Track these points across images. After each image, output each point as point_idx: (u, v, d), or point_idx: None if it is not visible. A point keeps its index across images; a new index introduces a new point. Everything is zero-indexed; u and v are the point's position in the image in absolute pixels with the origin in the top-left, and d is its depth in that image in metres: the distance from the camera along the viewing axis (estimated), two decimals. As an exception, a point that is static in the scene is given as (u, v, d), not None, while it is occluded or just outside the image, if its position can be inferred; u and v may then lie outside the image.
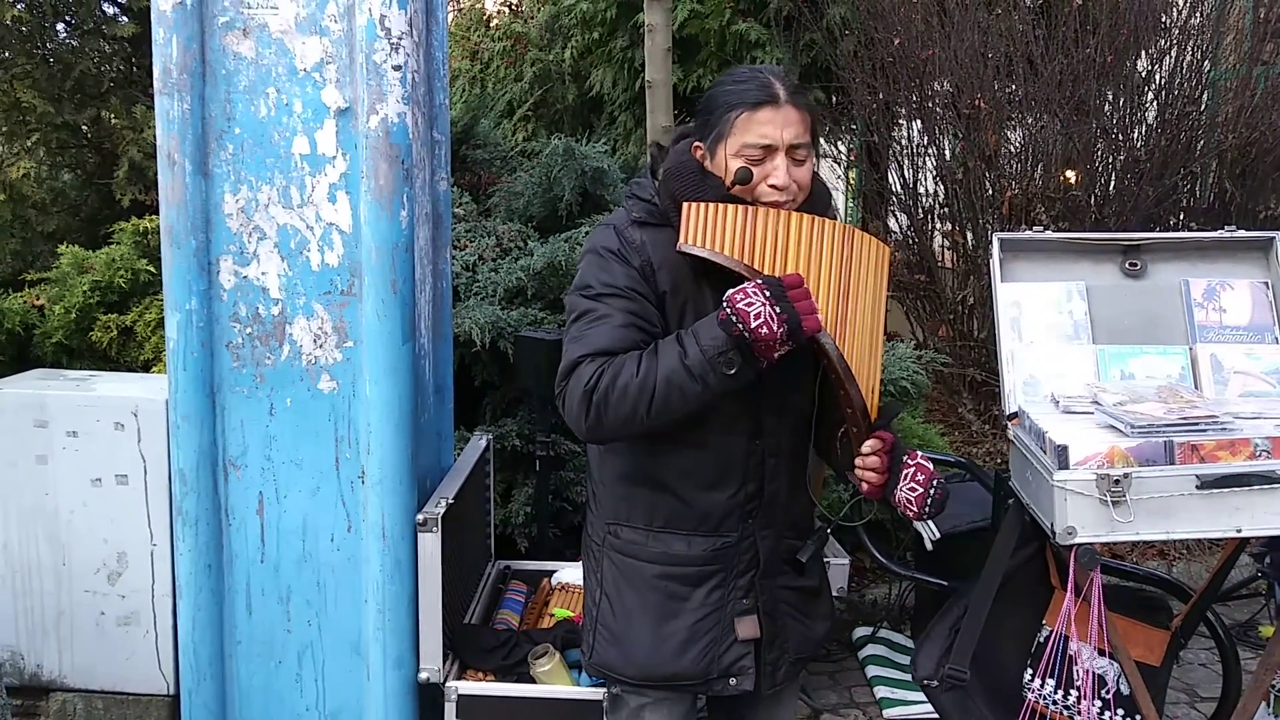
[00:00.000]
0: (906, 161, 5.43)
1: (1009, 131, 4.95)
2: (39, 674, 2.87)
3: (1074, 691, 2.22)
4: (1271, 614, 3.46)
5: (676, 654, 1.76)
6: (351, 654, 2.45)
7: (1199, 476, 1.93)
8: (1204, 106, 4.83)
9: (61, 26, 5.22)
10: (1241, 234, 2.44)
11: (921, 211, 5.44)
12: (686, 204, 1.65)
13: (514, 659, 2.51)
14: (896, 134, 5.54)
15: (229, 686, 2.48)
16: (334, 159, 2.31)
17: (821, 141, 5.88)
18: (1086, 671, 2.19)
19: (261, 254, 2.35)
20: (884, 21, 5.08)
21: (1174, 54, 4.68)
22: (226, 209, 2.33)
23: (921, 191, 5.42)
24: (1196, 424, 1.99)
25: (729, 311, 1.57)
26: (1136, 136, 4.71)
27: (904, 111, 5.38)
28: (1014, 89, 4.87)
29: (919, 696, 2.69)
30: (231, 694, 2.48)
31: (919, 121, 5.28)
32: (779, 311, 1.55)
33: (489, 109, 5.95)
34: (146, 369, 3.63)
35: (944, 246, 5.45)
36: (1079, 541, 1.96)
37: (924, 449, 3.49)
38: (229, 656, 2.47)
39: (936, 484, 1.67)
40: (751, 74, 1.71)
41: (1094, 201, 4.76)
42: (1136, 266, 2.44)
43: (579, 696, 2.39)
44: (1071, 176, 4.82)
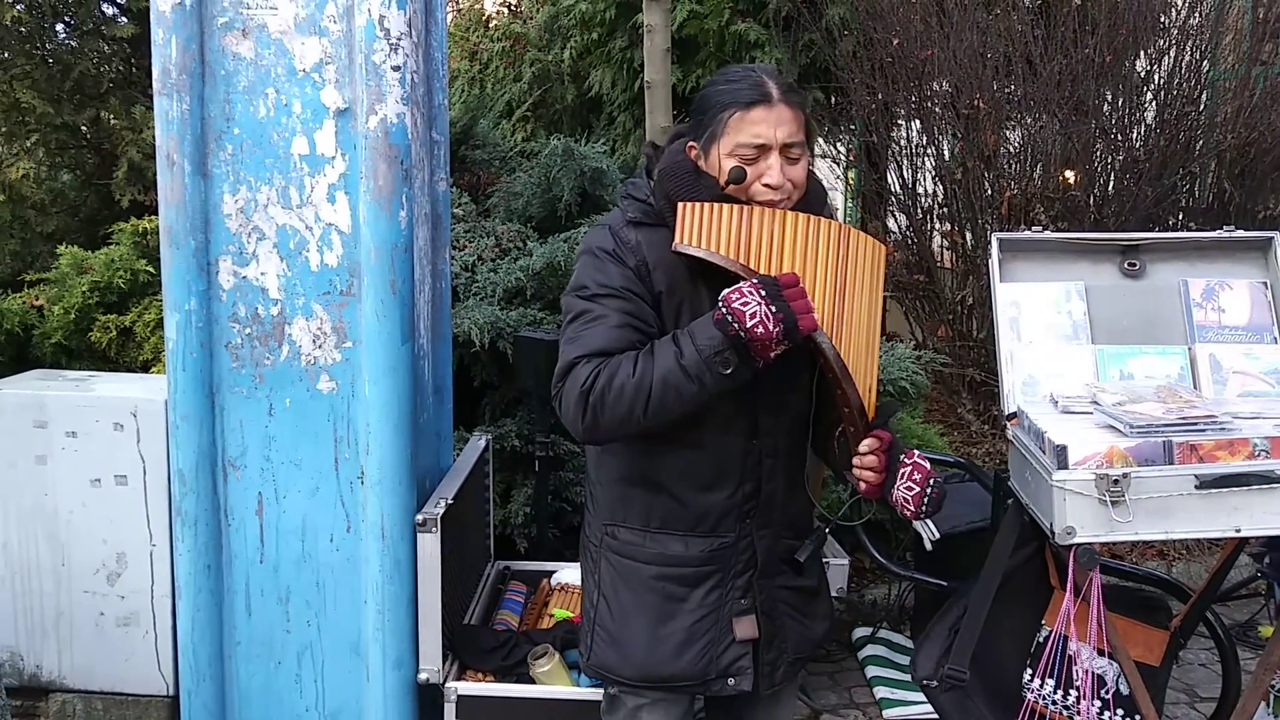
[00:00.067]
0: (905, 162, 5.43)
1: (1008, 132, 4.95)
2: (38, 675, 2.87)
3: (1073, 691, 2.22)
4: (1271, 614, 3.46)
5: (674, 655, 1.76)
6: (351, 654, 2.45)
7: (1198, 476, 1.93)
8: (1203, 106, 4.83)
9: (61, 27, 5.22)
10: (1240, 234, 2.44)
11: (920, 212, 5.45)
12: (682, 204, 1.65)
13: (513, 659, 2.51)
14: (895, 134, 5.54)
15: (228, 687, 2.48)
16: (333, 159, 2.32)
17: (821, 142, 5.89)
18: (1086, 671, 2.18)
19: (261, 254, 2.35)
20: (883, 22, 5.09)
21: (1173, 54, 4.68)
22: (226, 209, 2.33)
23: (920, 192, 5.42)
24: (1195, 424, 1.99)
25: (724, 311, 1.56)
26: (1135, 136, 4.71)
27: (903, 112, 5.38)
28: (1013, 89, 4.87)
29: (918, 697, 2.69)
30: (231, 695, 2.48)
31: (918, 122, 5.28)
32: (774, 311, 1.55)
33: (488, 109, 5.95)
34: (146, 369, 3.63)
35: (943, 247, 5.45)
36: (1078, 541, 1.96)
37: (923, 449, 3.49)
38: (228, 657, 2.47)
39: (934, 483, 1.67)
40: (744, 73, 1.71)
41: (1093, 201, 4.76)
42: (1135, 266, 2.44)
43: (578, 697, 2.39)
44: (1070, 176, 4.82)
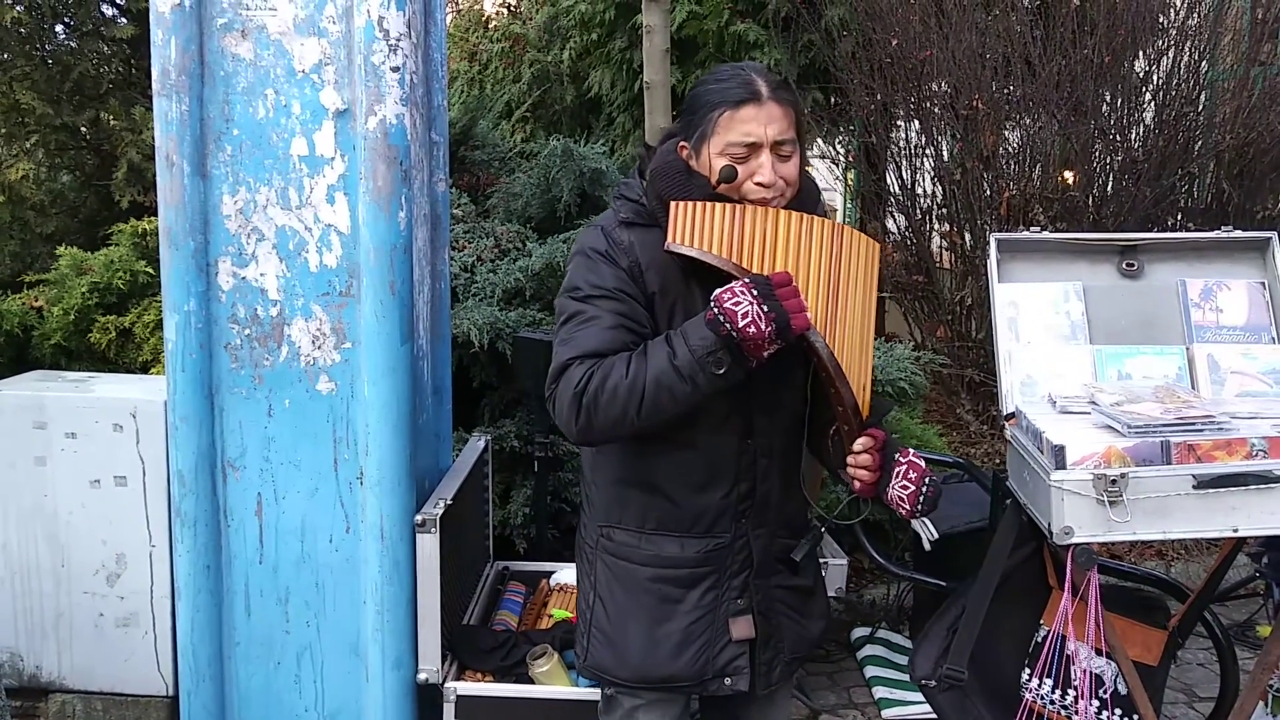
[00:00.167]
0: (904, 162, 5.43)
1: (1007, 132, 4.95)
2: (38, 675, 2.87)
3: (1071, 691, 2.22)
4: (1269, 613, 3.46)
5: (671, 656, 1.76)
6: (350, 655, 2.46)
7: (1195, 476, 1.93)
8: (1201, 107, 4.83)
9: (60, 28, 5.23)
10: (1238, 234, 2.44)
11: (919, 212, 5.45)
12: (674, 203, 1.65)
13: (512, 660, 2.51)
14: (894, 135, 5.54)
15: (228, 688, 2.48)
16: (332, 160, 2.32)
17: (820, 142, 5.89)
18: (1084, 671, 2.19)
19: (260, 255, 2.35)
20: (882, 22, 5.09)
21: (1171, 55, 4.68)
22: (225, 210, 2.34)
23: (919, 192, 5.42)
24: (1193, 424, 1.99)
25: (716, 311, 1.56)
26: (1134, 137, 4.72)
27: (902, 112, 5.38)
28: (1012, 90, 4.87)
29: (917, 697, 2.69)
30: (230, 695, 2.49)
31: (917, 122, 5.28)
32: (767, 310, 1.55)
33: (487, 110, 5.95)
34: (145, 370, 3.63)
35: (942, 247, 5.45)
36: (1076, 541, 1.96)
37: (922, 450, 3.49)
38: (228, 658, 2.47)
39: (929, 481, 1.66)
40: (733, 72, 1.70)
41: (1091, 202, 4.76)
42: (1133, 267, 2.44)
43: (577, 697, 2.39)
44: (1069, 177, 4.82)
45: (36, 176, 5.28)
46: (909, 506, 1.66)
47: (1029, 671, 2.29)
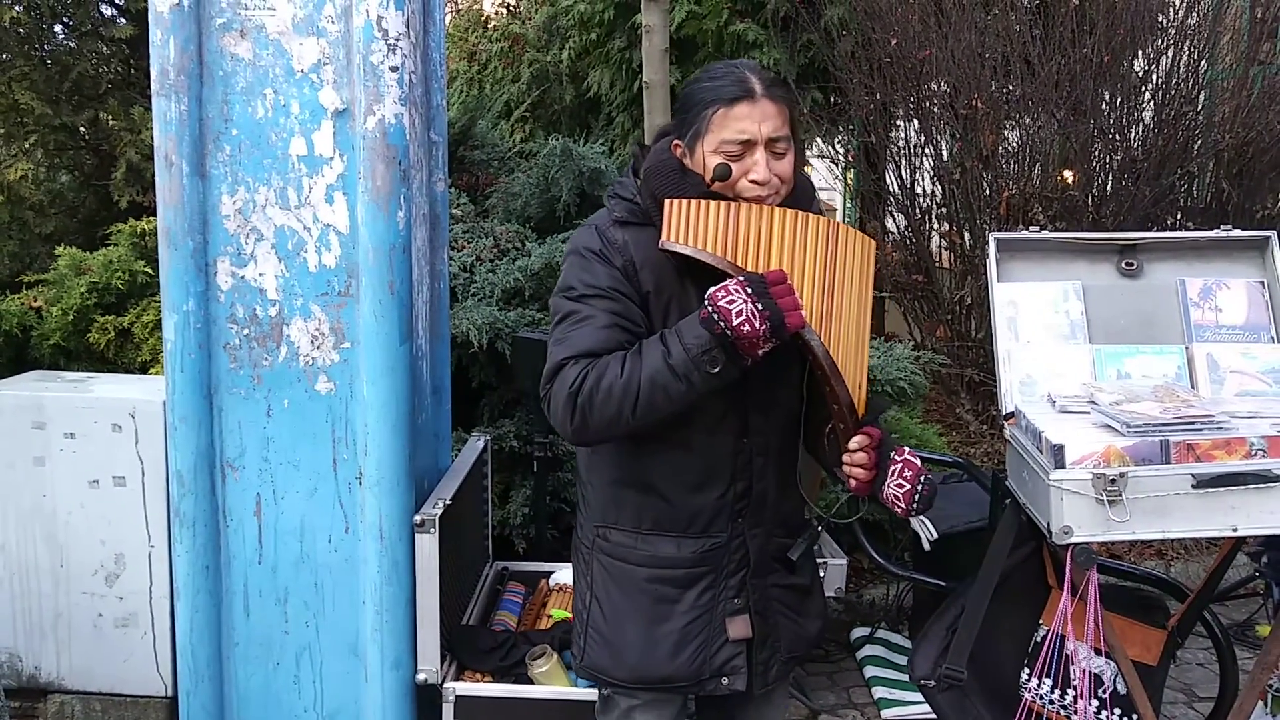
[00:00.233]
0: (904, 162, 5.43)
1: (1006, 131, 4.95)
2: (37, 676, 2.87)
3: (1071, 691, 2.23)
4: (1268, 613, 3.46)
5: (669, 657, 1.76)
6: (349, 655, 2.46)
7: (1195, 476, 1.94)
8: (1201, 106, 4.83)
9: (59, 28, 5.23)
10: (1238, 233, 2.44)
11: (919, 212, 5.45)
12: (668, 201, 1.65)
13: (511, 660, 2.51)
14: (894, 134, 5.53)
15: (227, 688, 2.48)
16: (331, 160, 2.32)
17: (819, 142, 5.88)
18: (1083, 671, 2.19)
19: (259, 255, 2.35)
20: (881, 22, 5.08)
21: (1171, 54, 4.68)
22: (224, 210, 2.34)
23: (919, 192, 5.42)
24: (1192, 423, 1.99)
25: (710, 310, 1.56)
26: (1133, 136, 4.71)
27: (901, 112, 5.38)
28: (1011, 89, 4.86)
29: (917, 697, 2.69)
30: (229, 695, 2.48)
31: (916, 122, 5.28)
32: (761, 309, 1.54)
33: (486, 110, 5.95)
34: (144, 370, 3.63)
35: (941, 247, 5.45)
36: (1075, 541, 1.96)
37: (922, 449, 3.49)
38: (227, 658, 2.47)
39: (924, 480, 1.66)
40: (727, 69, 1.70)
41: (1091, 201, 4.76)
42: (1133, 266, 2.44)
43: (576, 697, 2.39)
44: (1068, 176, 4.82)
45: (35, 176, 5.28)
46: (904, 505, 1.66)
47: (1028, 671, 2.29)
